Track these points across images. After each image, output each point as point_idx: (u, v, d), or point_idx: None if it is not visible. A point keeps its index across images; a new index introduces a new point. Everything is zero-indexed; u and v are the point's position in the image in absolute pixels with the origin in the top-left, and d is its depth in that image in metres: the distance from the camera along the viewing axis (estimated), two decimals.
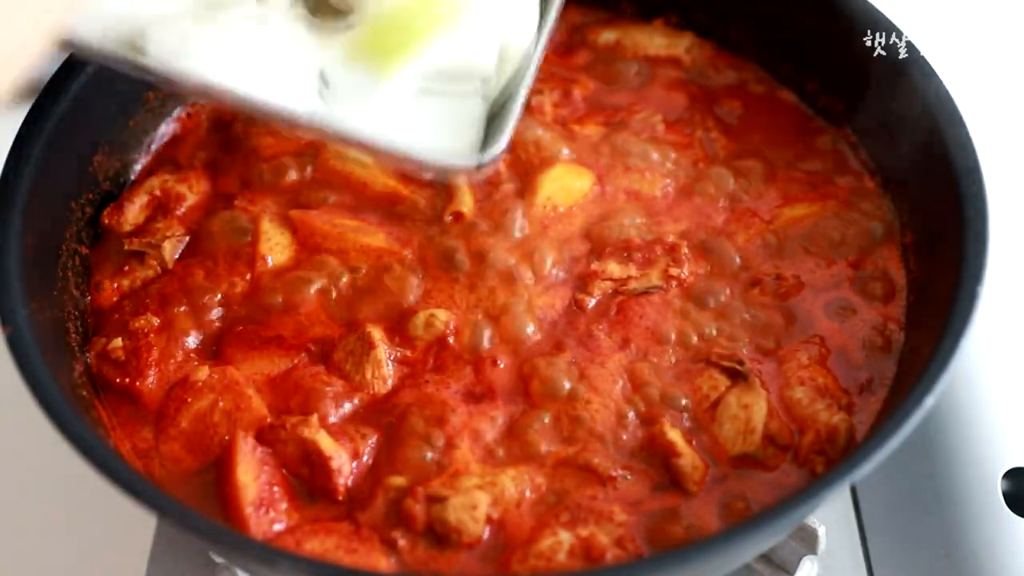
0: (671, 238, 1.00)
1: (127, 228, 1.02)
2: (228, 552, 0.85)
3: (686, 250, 0.98)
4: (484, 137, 0.88)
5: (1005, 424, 1.05)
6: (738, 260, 0.99)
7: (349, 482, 0.86)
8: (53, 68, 0.99)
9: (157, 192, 1.04)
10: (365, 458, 0.87)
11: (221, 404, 0.89)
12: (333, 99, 0.85)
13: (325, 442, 0.85)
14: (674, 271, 0.97)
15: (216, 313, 0.96)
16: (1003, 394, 1.07)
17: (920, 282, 0.97)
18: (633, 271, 0.97)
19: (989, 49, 1.38)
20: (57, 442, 0.78)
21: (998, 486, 1.01)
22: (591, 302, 0.96)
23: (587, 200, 1.03)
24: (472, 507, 0.82)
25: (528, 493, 0.85)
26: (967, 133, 0.94)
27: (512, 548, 0.82)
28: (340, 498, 0.85)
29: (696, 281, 0.97)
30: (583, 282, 0.97)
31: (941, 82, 0.98)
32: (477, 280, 0.97)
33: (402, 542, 0.82)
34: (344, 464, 0.85)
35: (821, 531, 0.91)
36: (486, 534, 0.83)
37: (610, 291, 0.96)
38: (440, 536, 0.82)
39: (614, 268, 0.97)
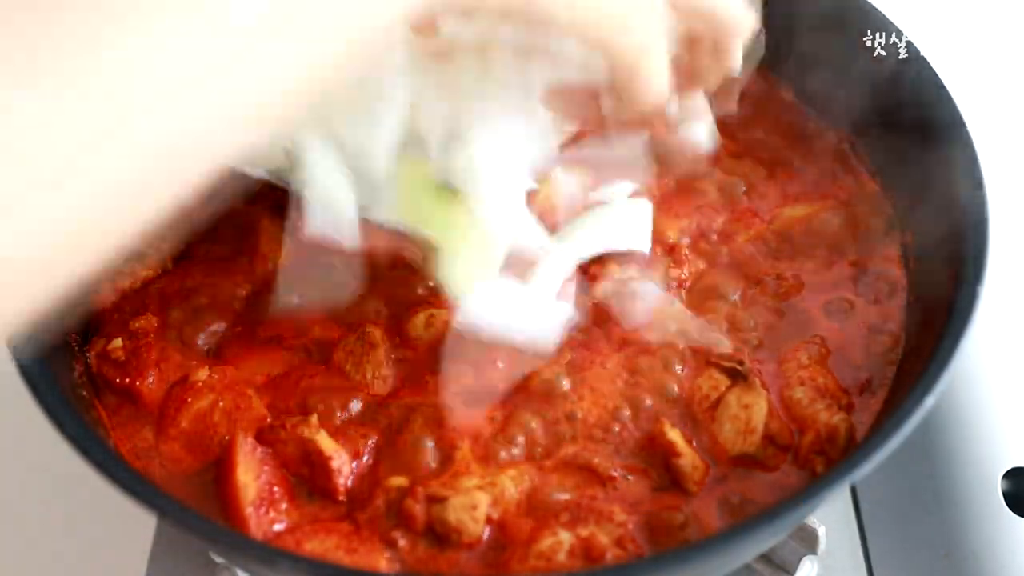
0: (671, 238, 0.99)
1: None
2: (228, 552, 0.85)
3: (687, 251, 0.98)
4: None
5: (1005, 424, 1.05)
6: (739, 261, 0.99)
7: (349, 482, 0.86)
8: None
9: None
10: (365, 458, 0.87)
11: (221, 404, 0.89)
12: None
13: (325, 442, 0.85)
14: (674, 272, 0.97)
15: (216, 313, 0.96)
16: (1003, 394, 1.07)
17: (920, 282, 0.96)
18: (633, 272, 0.97)
19: (989, 49, 1.38)
20: (57, 442, 0.78)
21: (998, 486, 1.01)
22: (591, 302, 0.96)
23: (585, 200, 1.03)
24: (472, 507, 0.82)
25: (528, 493, 0.85)
26: (967, 133, 0.94)
27: (512, 548, 0.82)
28: (340, 498, 0.85)
29: (696, 282, 0.97)
30: (583, 282, 0.97)
31: (941, 82, 0.98)
32: None
33: (402, 542, 0.82)
34: (344, 464, 0.85)
35: (821, 531, 0.91)
36: (486, 534, 0.83)
37: (610, 291, 0.96)
38: (440, 536, 0.82)
39: (614, 268, 0.97)
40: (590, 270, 0.97)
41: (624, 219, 0.97)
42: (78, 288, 0.52)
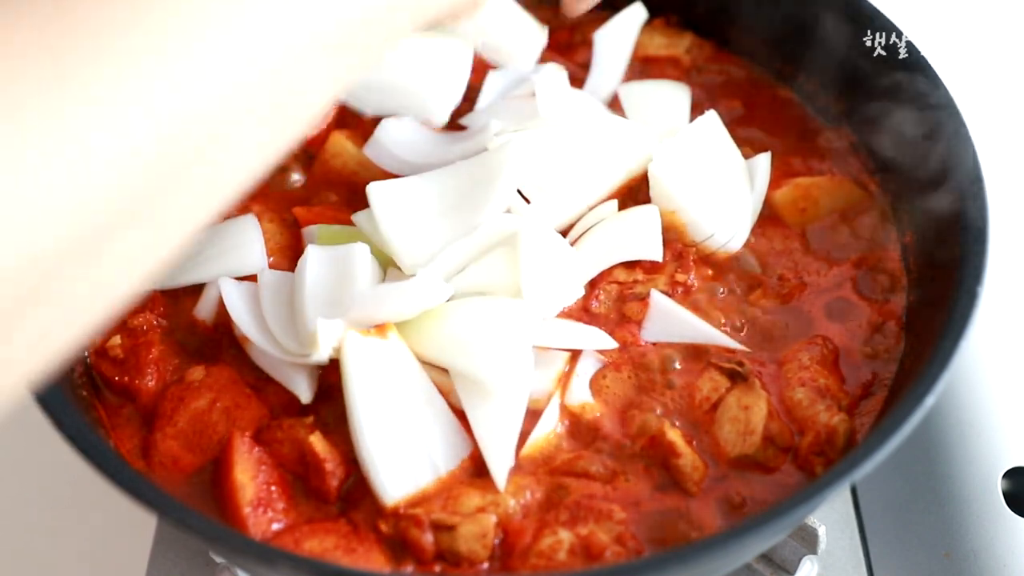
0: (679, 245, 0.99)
1: None
2: (228, 552, 0.84)
3: (693, 257, 0.98)
4: None
5: (1005, 424, 1.05)
6: (741, 262, 0.99)
7: (344, 485, 0.85)
8: None
9: None
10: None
11: (219, 404, 0.89)
12: None
13: (319, 444, 0.85)
14: (680, 277, 0.96)
15: (213, 313, 0.96)
16: (1003, 394, 1.07)
17: (920, 282, 0.96)
18: (639, 275, 0.97)
19: (989, 49, 1.38)
20: (57, 442, 0.78)
21: (998, 486, 1.01)
22: (595, 305, 0.95)
23: None
24: (482, 535, 0.81)
25: (528, 502, 0.84)
26: (967, 133, 0.94)
27: (516, 554, 0.82)
28: (334, 499, 0.85)
29: (700, 285, 0.97)
30: (588, 285, 0.96)
31: (941, 82, 0.98)
32: None
33: (410, 569, 0.82)
34: (338, 467, 0.85)
35: (821, 531, 0.91)
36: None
37: (615, 294, 0.96)
38: (449, 561, 0.82)
39: (619, 273, 0.97)
40: (596, 274, 0.97)
41: (635, 228, 0.97)
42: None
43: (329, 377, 0.89)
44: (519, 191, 0.96)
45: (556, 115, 1.00)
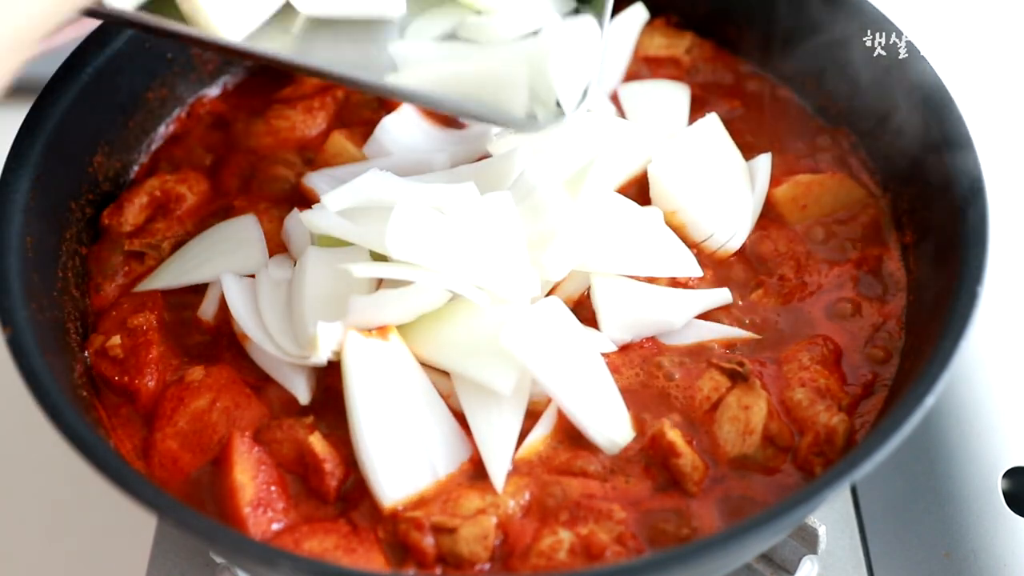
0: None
1: (127, 228, 1.02)
2: (228, 552, 0.84)
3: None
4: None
5: (1005, 424, 1.05)
6: (741, 262, 0.99)
7: (343, 485, 0.85)
8: (52, 68, 0.99)
9: (157, 192, 1.04)
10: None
11: (219, 403, 0.89)
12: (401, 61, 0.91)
13: (319, 445, 0.85)
14: (682, 278, 0.97)
15: (215, 313, 0.96)
16: (1003, 394, 1.07)
17: (920, 282, 0.96)
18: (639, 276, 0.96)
19: (989, 49, 1.38)
20: (57, 442, 0.78)
21: (998, 486, 1.01)
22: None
23: None
24: (483, 536, 0.81)
25: (528, 503, 0.84)
26: (967, 133, 0.93)
27: (516, 554, 0.82)
28: (334, 500, 0.85)
29: (700, 284, 0.97)
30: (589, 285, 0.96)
31: (941, 82, 0.98)
32: None
33: (412, 572, 0.82)
34: (337, 467, 0.85)
35: (821, 531, 0.91)
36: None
37: None
38: (450, 564, 0.82)
39: None
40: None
41: (659, 243, 0.96)
42: None
43: (329, 378, 0.90)
44: None
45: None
